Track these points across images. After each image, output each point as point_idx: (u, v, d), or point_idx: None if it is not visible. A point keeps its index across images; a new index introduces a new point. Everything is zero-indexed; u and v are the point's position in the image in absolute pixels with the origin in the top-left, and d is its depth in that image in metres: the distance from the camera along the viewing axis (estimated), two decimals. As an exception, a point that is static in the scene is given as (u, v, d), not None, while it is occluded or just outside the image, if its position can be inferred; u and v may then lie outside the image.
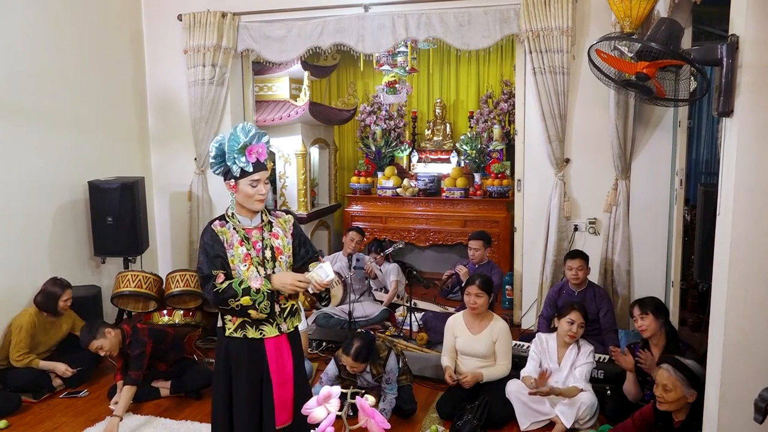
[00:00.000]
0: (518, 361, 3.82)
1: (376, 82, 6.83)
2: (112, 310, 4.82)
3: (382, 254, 5.45)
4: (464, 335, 3.79)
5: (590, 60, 3.32)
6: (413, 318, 4.96)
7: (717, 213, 2.56)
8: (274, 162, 6.81)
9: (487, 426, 3.44)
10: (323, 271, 2.37)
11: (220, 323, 2.54)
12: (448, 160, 6.97)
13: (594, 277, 4.58)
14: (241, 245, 2.42)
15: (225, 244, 2.40)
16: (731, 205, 2.38)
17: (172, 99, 5.54)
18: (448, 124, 7.14)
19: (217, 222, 2.47)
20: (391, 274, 5.50)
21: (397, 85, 6.03)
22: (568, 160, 4.73)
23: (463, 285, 4.14)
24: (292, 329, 2.55)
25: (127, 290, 4.50)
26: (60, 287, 4.08)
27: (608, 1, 4.04)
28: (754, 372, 2.31)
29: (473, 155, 6.57)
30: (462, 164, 6.83)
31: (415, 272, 5.30)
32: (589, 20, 4.57)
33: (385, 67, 6.00)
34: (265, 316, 2.40)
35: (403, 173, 6.99)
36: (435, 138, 7.12)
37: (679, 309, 4.57)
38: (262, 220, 2.52)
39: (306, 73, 6.47)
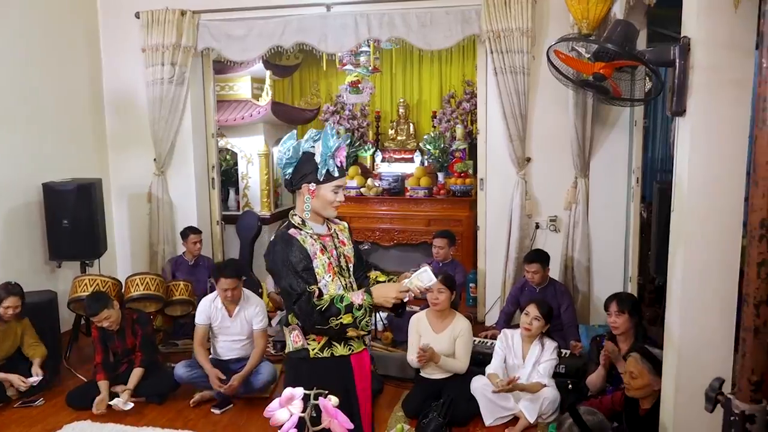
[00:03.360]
0: (482, 358, 3.86)
1: (339, 81, 6.81)
2: (68, 316, 4.68)
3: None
4: (427, 333, 3.81)
5: (549, 60, 3.38)
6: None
7: (671, 210, 2.63)
8: (236, 162, 6.73)
9: (453, 423, 3.47)
10: (426, 276, 2.18)
11: (293, 346, 2.25)
12: (411, 160, 7.00)
13: (555, 273, 4.66)
14: (323, 254, 2.22)
15: (310, 254, 2.18)
16: (684, 202, 2.46)
17: (130, 98, 5.41)
18: (411, 124, 7.18)
19: (293, 230, 2.21)
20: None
21: (360, 85, 6.03)
22: (529, 159, 4.80)
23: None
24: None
25: (84, 295, 4.37)
26: (4, 292, 3.89)
27: (566, 2, 4.12)
28: (708, 363, 2.39)
29: (436, 155, 6.61)
30: (425, 164, 6.86)
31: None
32: (548, 21, 4.65)
33: (348, 66, 5.99)
34: (365, 333, 2.21)
35: (366, 173, 6.99)
36: (398, 138, 7.15)
37: (637, 304, 4.69)
38: (329, 228, 2.34)
39: (268, 73, 6.41)
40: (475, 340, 4.05)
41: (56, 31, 5.01)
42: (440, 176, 6.64)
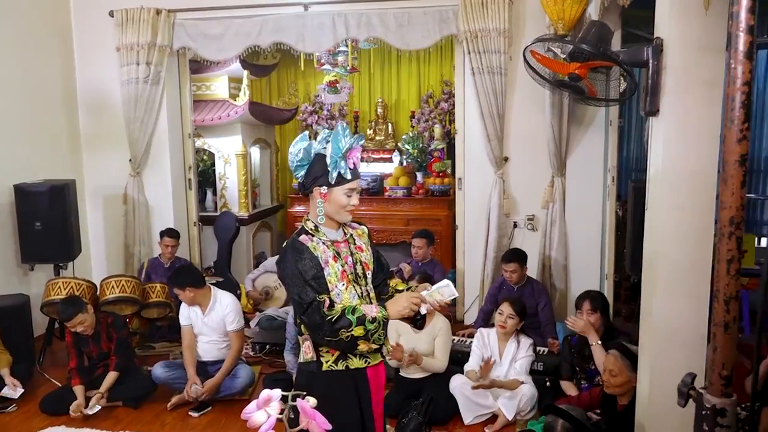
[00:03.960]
0: (461, 357, 3.88)
1: (317, 81, 6.79)
2: (42, 320, 4.59)
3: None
4: (407, 332, 3.82)
5: (525, 61, 3.41)
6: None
7: (645, 208, 2.67)
8: (213, 163, 6.67)
9: (432, 422, 3.47)
10: (448, 290, 2.10)
11: (305, 357, 2.15)
12: (390, 160, 7.00)
13: (532, 272, 4.70)
14: (335, 261, 2.11)
15: (321, 262, 2.08)
16: (658, 200, 2.50)
17: (105, 98, 5.33)
18: (389, 124, 7.18)
19: (304, 237, 2.11)
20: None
21: (338, 85, 6.01)
22: (506, 159, 4.84)
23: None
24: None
25: (58, 298, 4.29)
26: None
27: (542, 3, 4.16)
28: (681, 358, 2.43)
29: (415, 154, 6.62)
30: (404, 163, 6.87)
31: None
32: (524, 22, 4.69)
33: (326, 66, 5.97)
34: (377, 347, 2.12)
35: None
36: (377, 137, 7.14)
37: (613, 301, 4.75)
38: (345, 233, 2.23)
39: (245, 72, 6.36)
40: (453, 339, 4.07)
41: (27, 29, 4.91)
42: (419, 176, 6.65)
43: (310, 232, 2.14)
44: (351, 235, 2.24)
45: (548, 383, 3.74)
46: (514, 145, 4.84)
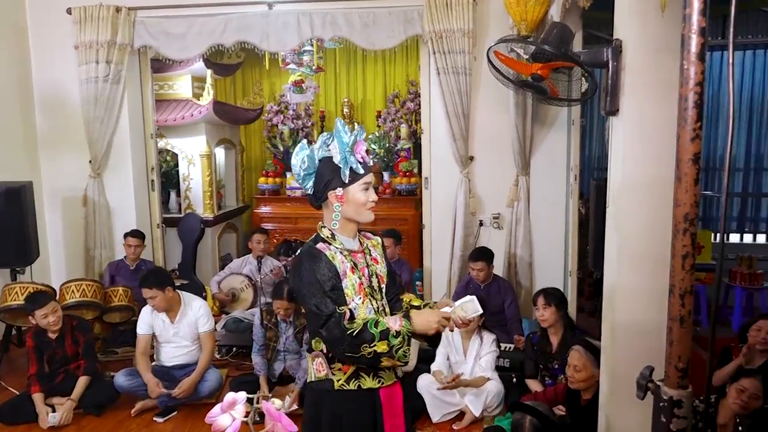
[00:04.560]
0: (425, 355, 3.90)
1: (283, 81, 6.75)
2: (-2, 326, 4.46)
3: (293, 256, 5.39)
4: None
5: (489, 61, 3.44)
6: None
7: (607, 206, 2.73)
8: (176, 163, 6.56)
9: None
10: (472, 306, 2.00)
11: (315, 375, 2.02)
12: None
13: (498, 269, 4.75)
14: (353, 273, 2.00)
15: (339, 272, 1.96)
16: (618, 198, 2.55)
17: (63, 98, 5.19)
18: (356, 124, 7.17)
19: (321, 245, 1.99)
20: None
21: (303, 85, 5.98)
22: (472, 158, 4.88)
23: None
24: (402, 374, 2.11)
25: (14, 304, 4.17)
26: None
27: (505, 5, 4.21)
28: (642, 352, 2.48)
29: (381, 154, 6.63)
30: (371, 163, 6.87)
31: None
32: (488, 23, 4.74)
33: (291, 66, 5.94)
34: (402, 365, 1.94)
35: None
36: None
37: (577, 297, 4.84)
38: (361, 243, 2.10)
39: (209, 72, 6.27)
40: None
41: (-20, 26, 4.75)
42: (386, 175, 6.66)
43: (326, 240, 2.01)
44: (366, 245, 2.13)
45: (514, 379, 3.79)
46: (479, 145, 4.88)
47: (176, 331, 3.91)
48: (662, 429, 1.23)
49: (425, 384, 3.64)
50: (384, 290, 2.12)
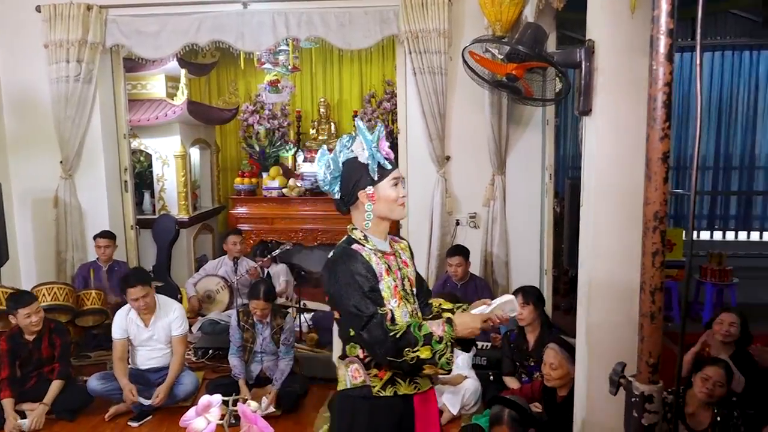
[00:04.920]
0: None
1: (258, 80, 6.69)
2: (-34, 331, 4.34)
3: (269, 257, 5.36)
4: None
5: (464, 61, 3.46)
6: (303, 319, 4.92)
7: (581, 204, 2.76)
8: (150, 164, 6.47)
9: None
10: (510, 306, 1.97)
11: (351, 382, 1.96)
12: (334, 159, 6.96)
13: (475, 269, 4.78)
14: (388, 275, 1.95)
15: (377, 274, 1.91)
16: (592, 197, 2.58)
17: (32, 97, 5.08)
18: (332, 124, 7.16)
19: (356, 246, 1.96)
20: (280, 275, 5.43)
21: (279, 84, 5.95)
22: (448, 158, 4.90)
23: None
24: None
25: (-17, 308, 4.08)
26: None
27: (480, 5, 4.24)
28: (615, 349, 2.52)
29: (358, 154, 6.61)
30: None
31: (304, 272, 5.27)
32: (464, 23, 4.76)
33: (267, 65, 5.90)
34: (445, 373, 1.88)
35: (288, 173, 6.90)
36: (320, 137, 7.10)
37: (552, 294, 4.89)
38: (391, 245, 2.07)
39: (183, 71, 6.20)
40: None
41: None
42: None
43: (359, 241, 1.98)
44: (396, 249, 2.09)
45: (491, 377, 3.81)
46: (456, 144, 4.90)
47: (151, 335, 3.86)
48: (634, 424, 1.25)
49: None
50: (415, 294, 2.09)
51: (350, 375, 1.97)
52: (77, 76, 4.88)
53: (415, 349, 1.80)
